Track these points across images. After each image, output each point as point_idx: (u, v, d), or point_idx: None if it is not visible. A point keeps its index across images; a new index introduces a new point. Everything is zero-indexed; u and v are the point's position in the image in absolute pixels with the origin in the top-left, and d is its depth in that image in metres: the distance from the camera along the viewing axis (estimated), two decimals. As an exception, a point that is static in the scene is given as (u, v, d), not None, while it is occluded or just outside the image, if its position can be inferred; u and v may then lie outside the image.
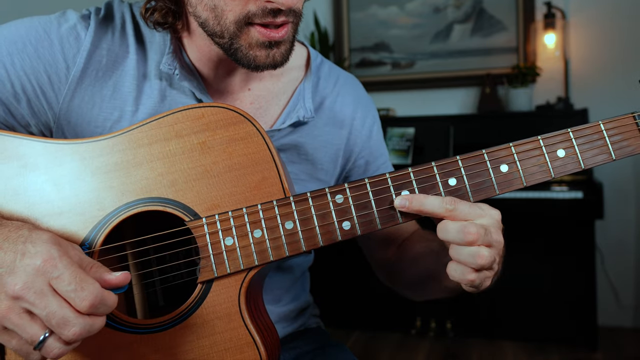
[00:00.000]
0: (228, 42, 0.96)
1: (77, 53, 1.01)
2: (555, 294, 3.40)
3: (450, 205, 0.84)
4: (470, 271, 0.85)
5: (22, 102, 0.99)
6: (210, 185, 0.88)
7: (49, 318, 0.72)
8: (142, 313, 0.98)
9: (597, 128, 0.87)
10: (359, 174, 1.24)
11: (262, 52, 0.96)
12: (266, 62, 0.97)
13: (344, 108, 1.21)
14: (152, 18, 1.01)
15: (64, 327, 0.73)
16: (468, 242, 0.83)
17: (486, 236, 0.84)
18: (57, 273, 0.73)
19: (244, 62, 0.97)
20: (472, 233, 0.83)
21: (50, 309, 0.72)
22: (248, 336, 0.87)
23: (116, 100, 1.03)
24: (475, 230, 0.83)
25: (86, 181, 0.89)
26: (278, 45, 0.97)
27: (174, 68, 1.03)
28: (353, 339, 3.68)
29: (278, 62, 0.99)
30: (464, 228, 0.83)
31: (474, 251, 0.84)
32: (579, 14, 3.70)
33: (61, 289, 0.73)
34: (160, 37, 1.06)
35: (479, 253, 0.83)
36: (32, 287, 0.72)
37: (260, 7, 0.91)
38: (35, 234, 0.77)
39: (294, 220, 0.87)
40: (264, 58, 0.97)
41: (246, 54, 0.96)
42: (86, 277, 0.75)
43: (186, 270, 0.99)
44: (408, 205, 0.86)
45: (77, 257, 0.78)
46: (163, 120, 0.90)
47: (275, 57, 0.98)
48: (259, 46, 0.95)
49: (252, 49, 0.96)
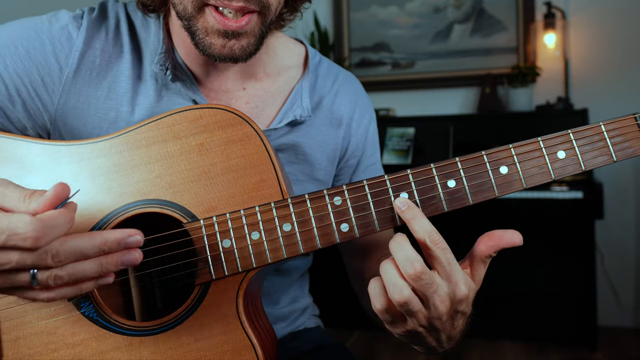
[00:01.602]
0: (187, 25, 0.94)
1: (69, 53, 1.00)
2: (555, 294, 3.40)
3: (431, 243, 0.78)
4: (383, 300, 0.80)
5: (18, 105, 0.98)
6: (208, 187, 0.88)
7: (19, 266, 0.69)
8: (140, 315, 0.97)
9: (597, 129, 0.87)
10: (349, 173, 1.23)
11: (218, 40, 0.93)
12: (222, 53, 0.94)
13: (342, 107, 1.20)
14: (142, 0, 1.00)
15: (39, 262, 0.69)
16: (405, 273, 0.76)
17: (428, 288, 0.76)
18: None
19: (200, 47, 0.95)
20: (416, 269, 0.75)
21: (11, 261, 0.68)
22: (246, 339, 0.87)
23: (112, 100, 1.02)
24: (421, 270, 0.75)
25: (84, 183, 0.88)
26: (237, 37, 0.93)
27: (165, 68, 1.02)
28: (353, 339, 3.68)
29: (237, 56, 0.95)
30: (414, 260, 0.76)
31: (398, 283, 0.77)
32: (579, 14, 3.70)
33: (3, 244, 0.67)
34: (155, 36, 1.06)
35: (400, 288, 0.76)
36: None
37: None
38: None
39: (292, 222, 0.86)
40: (220, 48, 0.93)
41: (202, 39, 0.94)
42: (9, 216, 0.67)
43: (184, 272, 0.99)
44: (403, 210, 0.82)
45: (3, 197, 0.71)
46: (161, 121, 0.90)
47: (233, 49, 0.94)
48: (214, 33, 0.92)
49: (207, 35, 0.93)
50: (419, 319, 0.79)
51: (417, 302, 0.78)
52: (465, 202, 0.86)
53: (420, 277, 0.76)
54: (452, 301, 0.79)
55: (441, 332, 0.83)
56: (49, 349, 0.87)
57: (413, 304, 0.77)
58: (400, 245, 0.78)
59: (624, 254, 3.66)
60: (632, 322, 3.68)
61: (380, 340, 3.62)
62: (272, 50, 1.14)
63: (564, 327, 3.40)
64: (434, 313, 0.79)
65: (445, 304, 0.79)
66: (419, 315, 0.79)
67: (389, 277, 0.78)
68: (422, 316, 0.79)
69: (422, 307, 0.78)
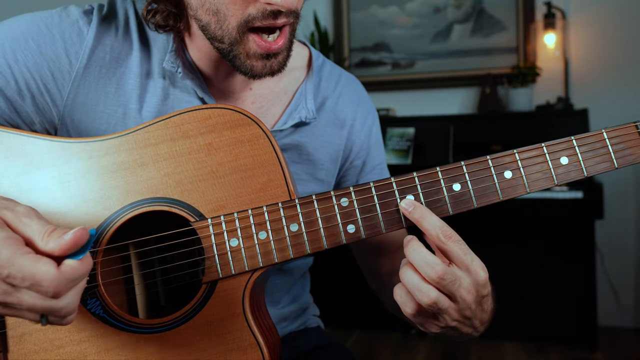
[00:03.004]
0: (228, 48, 0.96)
1: (79, 49, 1.00)
2: (555, 294, 3.41)
3: (445, 238, 0.81)
4: (412, 304, 0.82)
5: (27, 99, 0.99)
6: (216, 186, 0.88)
7: (33, 310, 0.70)
8: (144, 313, 0.98)
9: (600, 136, 0.88)
10: (355, 174, 1.24)
11: (259, 62, 0.96)
12: (263, 72, 0.98)
13: (345, 108, 1.21)
14: (154, 20, 1.00)
15: (51, 312, 0.70)
16: (428, 277, 0.79)
17: (453, 285, 0.79)
18: (5, 274, 0.68)
19: (241, 70, 0.98)
20: (438, 272, 0.78)
21: (27, 303, 0.69)
22: (251, 337, 0.87)
23: (120, 97, 1.03)
24: (443, 271, 0.78)
25: (92, 180, 0.89)
26: (276, 55, 0.97)
27: (176, 66, 1.03)
28: (353, 339, 3.68)
29: (275, 71, 0.99)
30: (434, 263, 0.79)
31: (423, 287, 0.80)
32: (579, 14, 3.71)
33: (20, 286, 0.68)
34: (164, 34, 1.06)
35: (427, 291, 0.79)
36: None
37: (260, 10, 0.91)
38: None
39: (299, 222, 0.87)
40: (261, 68, 0.97)
41: (244, 62, 0.96)
42: (35, 267, 0.68)
43: (189, 271, 0.99)
44: (410, 211, 0.84)
45: (23, 232, 0.72)
46: (170, 120, 0.90)
47: (272, 66, 0.98)
48: (255, 57, 0.96)
49: (249, 59, 0.96)
50: (450, 314, 0.82)
51: (445, 299, 0.80)
52: (470, 205, 0.87)
53: (443, 278, 0.78)
54: (476, 289, 0.82)
55: (473, 319, 0.85)
56: (55, 345, 0.88)
57: (442, 303, 0.80)
58: (415, 250, 0.80)
59: (624, 254, 3.67)
60: (632, 322, 3.69)
61: (380, 340, 3.62)
62: None
63: (564, 327, 3.41)
64: (462, 305, 0.81)
65: (472, 293, 0.82)
66: (450, 311, 0.81)
67: (413, 283, 0.80)
68: (453, 311, 0.82)
69: (451, 303, 0.81)
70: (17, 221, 0.73)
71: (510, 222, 3.49)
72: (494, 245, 3.52)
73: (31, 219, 0.73)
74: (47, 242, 0.71)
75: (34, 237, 0.72)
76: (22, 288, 0.69)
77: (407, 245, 0.82)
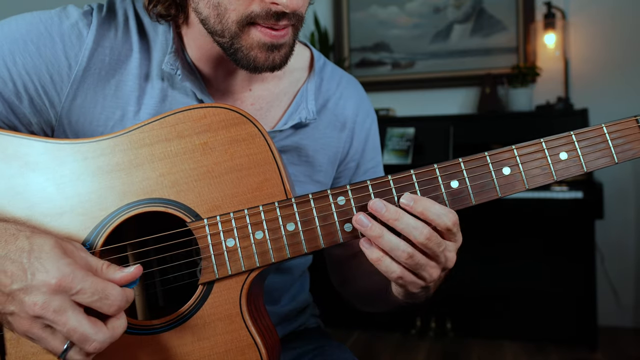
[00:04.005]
0: (228, 42, 0.95)
1: (79, 51, 0.99)
2: (555, 294, 3.40)
3: (454, 226, 0.84)
4: (397, 267, 0.84)
5: (24, 101, 0.98)
6: (212, 186, 0.88)
7: (70, 334, 0.74)
8: (142, 314, 0.98)
9: (599, 131, 0.87)
10: (349, 175, 1.24)
11: (262, 53, 0.95)
12: (265, 64, 0.97)
13: (346, 110, 1.20)
14: (155, 10, 1.00)
15: (84, 343, 0.74)
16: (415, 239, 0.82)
17: (436, 247, 0.83)
18: (76, 288, 0.74)
19: (243, 62, 0.97)
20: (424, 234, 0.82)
21: (70, 325, 0.73)
22: (249, 338, 0.87)
23: (119, 99, 1.02)
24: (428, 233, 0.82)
25: (87, 181, 0.89)
26: (279, 48, 0.96)
27: (176, 68, 1.02)
28: (353, 339, 3.68)
29: (277, 65, 0.98)
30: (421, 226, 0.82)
31: (417, 225, 0.82)
32: (579, 14, 3.70)
33: (86, 301, 0.75)
34: (163, 35, 1.05)
35: (420, 230, 0.82)
36: (50, 306, 0.73)
37: (264, 9, 0.90)
38: (36, 244, 0.77)
39: (295, 221, 0.86)
40: (264, 60, 0.96)
41: (246, 54, 0.95)
42: (105, 283, 0.77)
43: (187, 271, 0.99)
44: (412, 206, 0.83)
45: (84, 261, 0.79)
46: (165, 120, 0.90)
47: (274, 59, 0.97)
48: (259, 47, 0.94)
49: (252, 50, 0.95)
50: (429, 271, 0.85)
51: (437, 236, 0.83)
52: (468, 202, 0.87)
53: (430, 239, 0.82)
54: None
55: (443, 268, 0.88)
56: (52, 348, 0.87)
57: (435, 238, 0.82)
58: (407, 218, 0.83)
59: (624, 254, 3.67)
60: (632, 322, 3.68)
61: (380, 340, 3.62)
62: None
63: (564, 327, 3.41)
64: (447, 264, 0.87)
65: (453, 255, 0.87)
66: (429, 269, 0.85)
67: (406, 223, 0.82)
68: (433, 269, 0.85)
69: (443, 240, 0.84)
70: (77, 253, 0.79)
71: (510, 222, 3.49)
72: (494, 244, 3.52)
73: (87, 253, 0.81)
74: (112, 272, 0.80)
75: (93, 268, 0.80)
76: (75, 309, 0.74)
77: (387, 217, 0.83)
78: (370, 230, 0.83)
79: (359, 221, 0.84)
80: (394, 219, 0.82)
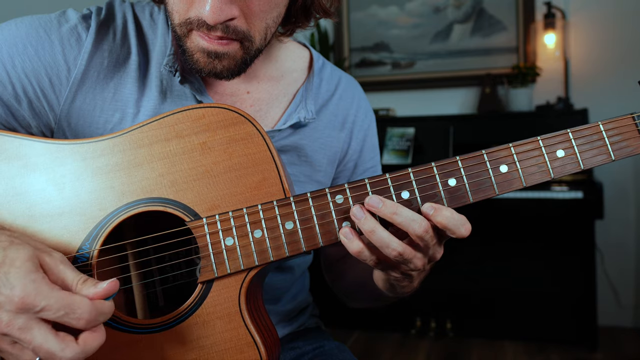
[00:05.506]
0: (179, 43, 0.97)
1: (78, 55, 1.00)
2: (555, 294, 3.40)
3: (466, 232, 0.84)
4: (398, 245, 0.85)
5: (23, 104, 0.98)
6: (211, 186, 0.88)
7: (36, 351, 0.71)
8: (142, 313, 0.98)
9: (596, 129, 0.87)
10: (347, 175, 1.25)
11: (204, 58, 0.95)
12: (206, 69, 0.96)
13: (345, 110, 1.21)
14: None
15: (53, 358, 0.72)
16: (416, 228, 0.82)
17: (430, 239, 0.84)
18: (41, 305, 0.70)
19: (189, 64, 0.97)
20: (423, 226, 0.83)
21: (35, 343, 0.71)
22: (248, 336, 0.87)
23: (118, 102, 1.02)
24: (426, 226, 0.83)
25: (87, 181, 0.89)
26: (220, 58, 0.95)
27: (174, 70, 1.03)
28: (353, 339, 3.68)
29: (219, 73, 0.97)
30: (419, 219, 0.82)
31: (416, 218, 0.83)
32: (579, 14, 3.71)
33: (52, 317, 0.71)
34: (162, 38, 1.06)
35: (419, 222, 0.82)
36: (15, 325, 0.70)
37: (196, 17, 0.91)
38: (8, 258, 0.73)
39: (294, 220, 0.87)
40: (204, 64, 0.96)
41: (191, 56, 0.96)
42: (72, 297, 0.72)
43: (186, 270, 0.99)
44: (432, 214, 0.83)
45: (59, 275, 0.76)
46: (164, 120, 0.90)
47: (215, 67, 0.96)
48: (200, 52, 0.95)
49: (195, 53, 0.95)
50: (415, 263, 0.86)
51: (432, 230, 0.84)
52: (465, 200, 0.87)
53: (427, 232, 0.83)
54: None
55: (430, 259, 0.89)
56: (52, 347, 0.88)
57: (432, 231, 0.83)
58: (397, 211, 0.83)
59: (624, 254, 3.67)
60: (632, 322, 3.68)
61: (380, 340, 3.62)
62: (274, 55, 1.15)
63: (564, 327, 3.41)
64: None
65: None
66: (415, 261, 0.85)
67: (405, 216, 0.82)
68: (419, 260, 0.86)
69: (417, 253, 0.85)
70: (54, 266, 0.76)
71: (510, 222, 3.49)
72: (494, 244, 3.52)
73: (66, 266, 0.77)
74: (87, 287, 0.76)
75: (67, 283, 0.76)
76: (41, 326, 0.71)
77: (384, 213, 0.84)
78: (363, 224, 0.83)
79: (354, 213, 0.84)
80: (392, 212, 0.82)
